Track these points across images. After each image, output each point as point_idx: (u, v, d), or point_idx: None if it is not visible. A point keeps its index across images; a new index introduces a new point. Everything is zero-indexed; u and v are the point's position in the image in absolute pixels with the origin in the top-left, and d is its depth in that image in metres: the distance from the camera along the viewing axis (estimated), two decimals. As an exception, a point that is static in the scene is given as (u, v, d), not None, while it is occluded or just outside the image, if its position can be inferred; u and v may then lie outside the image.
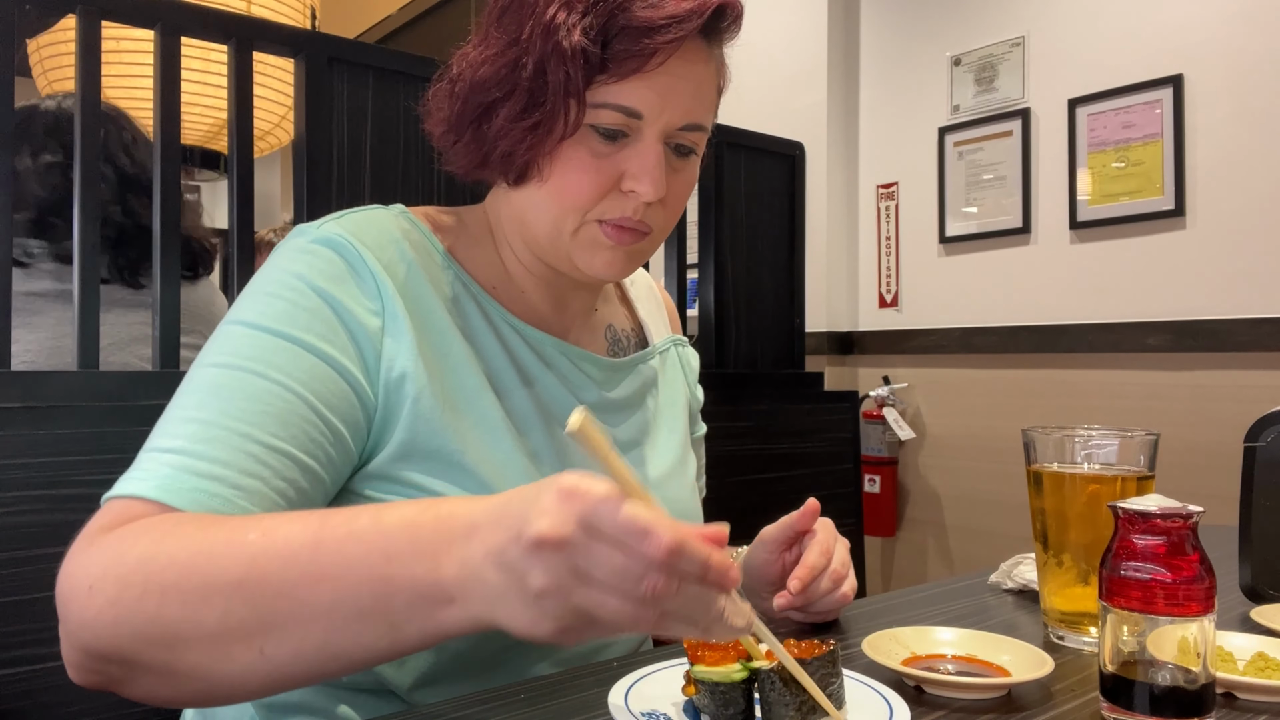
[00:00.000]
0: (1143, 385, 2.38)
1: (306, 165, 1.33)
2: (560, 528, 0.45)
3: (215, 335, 0.69)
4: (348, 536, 0.52)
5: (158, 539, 0.55)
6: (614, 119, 0.71)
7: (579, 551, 0.46)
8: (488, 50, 0.73)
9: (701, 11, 0.69)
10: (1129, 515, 0.59)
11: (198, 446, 0.61)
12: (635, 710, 0.58)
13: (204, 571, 0.52)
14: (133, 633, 0.53)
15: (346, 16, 5.16)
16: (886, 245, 3.02)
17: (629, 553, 0.45)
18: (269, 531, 0.53)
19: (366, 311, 0.70)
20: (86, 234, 1.12)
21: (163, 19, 1.20)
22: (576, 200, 0.73)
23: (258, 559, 0.52)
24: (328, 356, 0.67)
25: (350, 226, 0.73)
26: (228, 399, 0.63)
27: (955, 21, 2.83)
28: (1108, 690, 0.60)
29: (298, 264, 0.70)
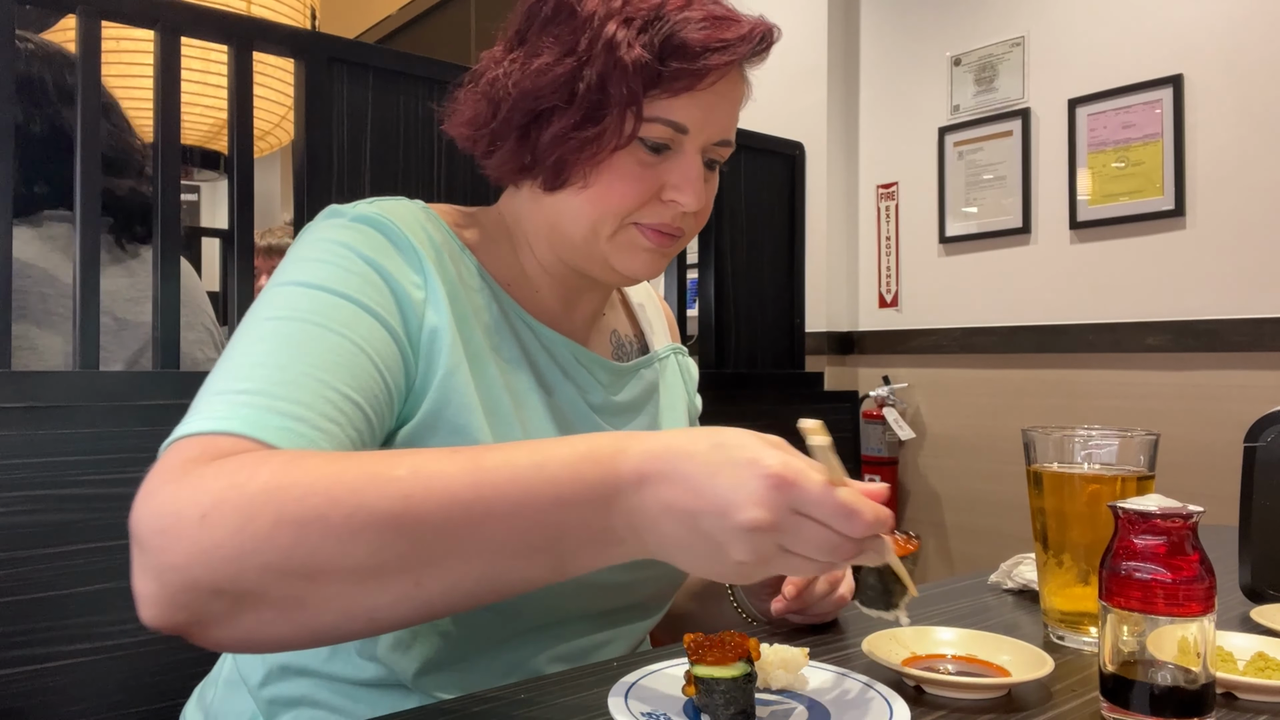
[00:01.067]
0: (1143, 385, 2.38)
1: (306, 165, 1.33)
2: (774, 515, 0.51)
3: (264, 296, 0.68)
4: (511, 479, 0.53)
5: (281, 469, 0.53)
6: (662, 133, 0.74)
7: (787, 532, 0.52)
8: (538, 59, 0.74)
9: (752, 38, 0.74)
10: (1129, 515, 0.59)
11: (276, 389, 0.60)
12: (635, 710, 0.58)
13: (349, 505, 0.52)
14: (262, 564, 0.51)
15: (346, 16, 5.16)
16: (886, 245, 3.02)
17: (834, 529, 0.52)
18: (418, 469, 0.53)
19: (411, 284, 0.71)
20: (87, 234, 1.12)
21: (163, 19, 1.20)
22: (620, 207, 0.75)
23: (412, 496, 0.52)
24: (382, 319, 0.68)
25: (384, 209, 0.75)
26: (298, 348, 0.63)
27: (955, 21, 2.83)
28: (1108, 690, 0.60)
29: (342, 235, 0.71)
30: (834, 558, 0.53)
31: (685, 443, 0.54)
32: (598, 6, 0.73)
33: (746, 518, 0.51)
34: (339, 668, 0.73)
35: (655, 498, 0.53)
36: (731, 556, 0.52)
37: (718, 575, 0.55)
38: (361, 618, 0.54)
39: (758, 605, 0.86)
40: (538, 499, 0.53)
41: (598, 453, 0.54)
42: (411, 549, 0.52)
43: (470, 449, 0.56)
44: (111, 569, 0.96)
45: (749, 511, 0.51)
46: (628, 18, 0.72)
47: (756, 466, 0.51)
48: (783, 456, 0.52)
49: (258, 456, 0.55)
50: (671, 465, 0.53)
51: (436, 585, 0.54)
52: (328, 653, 0.74)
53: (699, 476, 0.52)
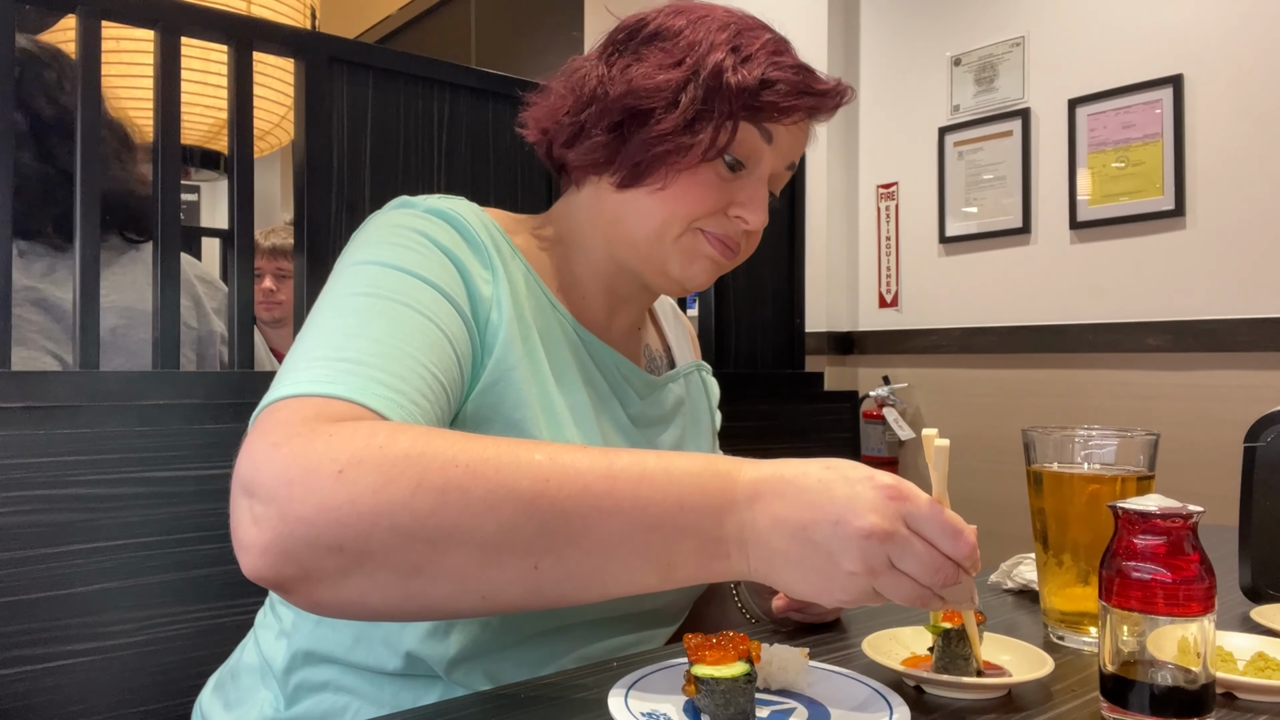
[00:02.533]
0: (1143, 385, 2.38)
1: (306, 165, 1.33)
2: (889, 523, 0.54)
3: (342, 274, 0.70)
4: (641, 477, 0.56)
5: (423, 437, 0.55)
6: (745, 153, 0.79)
7: (899, 544, 0.55)
8: (642, 66, 0.79)
9: (836, 96, 0.82)
10: (1129, 515, 0.59)
11: (375, 359, 0.61)
12: (635, 710, 0.58)
13: (491, 480, 0.54)
14: (393, 526, 0.52)
15: (346, 16, 5.16)
16: (886, 245, 3.02)
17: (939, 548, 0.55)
18: (554, 456, 0.56)
19: (481, 279, 0.74)
20: (87, 235, 1.12)
21: (163, 19, 1.20)
22: (691, 212, 0.79)
23: (551, 479, 0.54)
24: (458, 307, 0.70)
25: (453, 205, 0.77)
26: (389, 323, 0.64)
27: (955, 21, 2.83)
28: (1108, 690, 0.60)
29: (418, 223, 0.74)
30: (935, 579, 0.56)
31: (797, 468, 0.58)
32: (705, 35, 0.79)
33: (864, 524, 0.54)
34: (363, 656, 0.74)
35: (767, 512, 0.56)
36: (843, 566, 0.55)
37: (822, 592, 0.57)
38: (475, 593, 0.55)
39: (761, 604, 0.86)
40: (663, 500, 0.56)
41: (717, 466, 0.58)
42: (540, 532, 0.54)
43: (598, 449, 0.58)
44: (112, 569, 0.96)
45: (866, 518, 0.54)
46: (735, 47, 0.78)
47: (872, 480, 0.56)
48: (895, 479, 0.56)
49: (395, 425, 0.56)
50: (785, 484, 0.57)
51: (553, 572, 0.55)
52: (352, 640, 0.74)
53: (814, 491, 0.56)
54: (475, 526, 0.53)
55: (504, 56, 4.51)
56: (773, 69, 0.78)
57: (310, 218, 1.32)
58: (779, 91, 0.78)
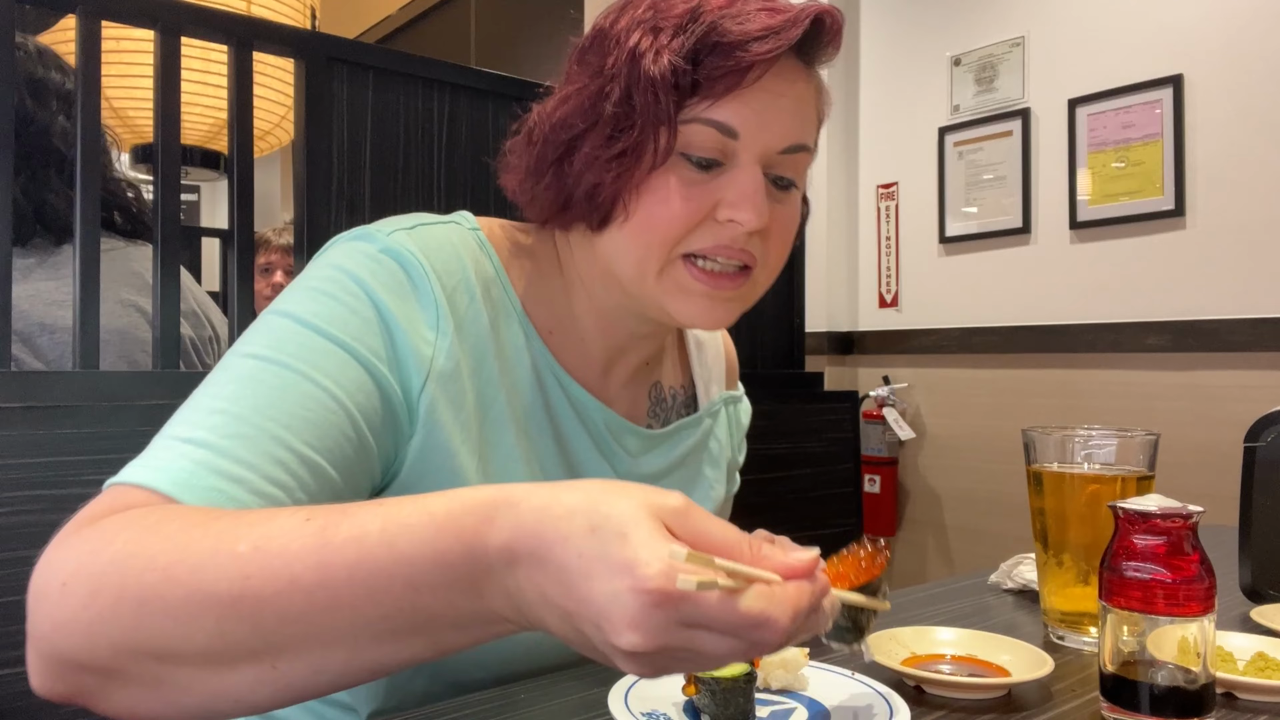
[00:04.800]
0: (1143, 385, 2.38)
1: (306, 165, 1.33)
2: (654, 639, 0.41)
3: (258, 323, 0.64)
4: (358, 559, 0.46)
5: (138, 536, 0.49)
6: (708, 140, 0.66)
7: (679, 647, 0.43)
8: (570, 88, 0.70)
9: (798, 21, 0.66)
10: (1129, 515, 0.59)
11: (224, 442, 0.55)
12: (635, 710, 0.58)
13: (188, 584, 0.47)
14: (111, 642, 0.47)
15: (346, 16, 5.16)
16: (886, 245, 3.02)
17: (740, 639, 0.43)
18: (261, 544, 0.47)
19: (421, 339, 0.65)
20: (86, 234, 1.12)
21: (163, 19, 1.20)
22: (664, 231, 0.67)
23: (252, 578, 0.46)
24: (374, 371, 0.63)
25: (421, 243, 0.68)
26: (265, 394, 0.58)
27: (955, 21, 2.83)
28: (1108, 690, 0.60)
29: (360, 268, 0.65)
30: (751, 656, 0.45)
31: (561, 520, 0.44)
32: (628, 23, 0.68)
33: (623, 642, 0.41)
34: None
35: (530, 582, 0.44)
36: (620, 665, 0.44)
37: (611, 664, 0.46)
38: (227, 699, 0.49)
39: None
40: (390, 583, 0.45)
41: (458, 523, 0.45)
42: (256, 634, 0.46)
43: (328, 513, 0.48)
44: (111, 569, 0.96)
45: (624, 636, 0.41)
46: (656, 26, 0.67)
47: (631, 577, 0.41)
48: (664, 563, 0.41)
49: (127, 518, 0.50)
50: (544, 549, 0.44)
51: (296, 671, 0.48)
52: None
53: (572, 573, 0.43)
54: (185, 636, 0.46)
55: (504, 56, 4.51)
56: (711, 27, 0.65)
57: (310, 218, 1.32)
58: (723, 51, 0.65)
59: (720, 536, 0.44)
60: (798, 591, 0.44)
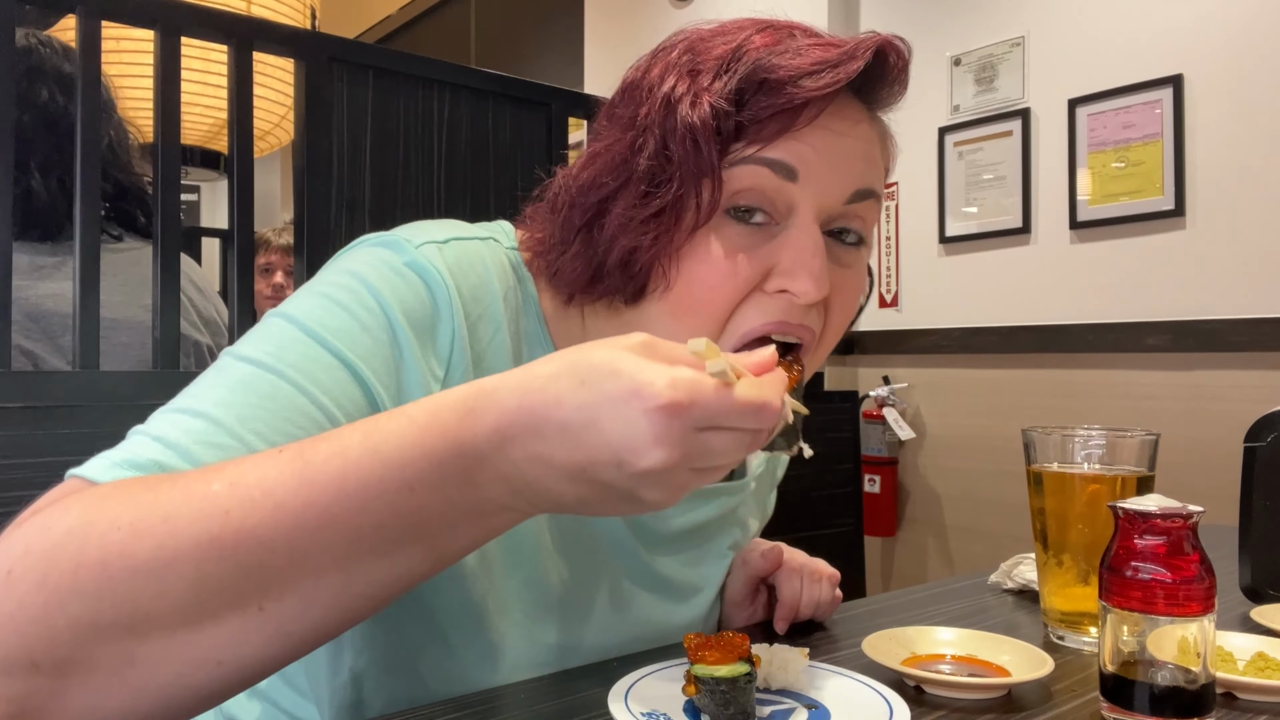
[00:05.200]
0: (1143, 385, 2.38)
1: (306, 165, 1.33)
2: (679, 448, 0.42)
3: (263, 323, 0.60)
4: (343, 472, 0.45)
5: (94, 503, 0.45)
6: (761, 185, 0.59)
7: (698, 454, 0.43)
8: (598, 144, 0.64)
9: (857, 54, 0.59)
10: (1129, 515, 0.59)
11: (197, 448, 0.52)
12: (635, 710, 0.58)
13: (158, 534, 0.43)
14: (70, 620, 0.43)
15: (346, 16, 5.16)
16: (886, 245, 3.02)
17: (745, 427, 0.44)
18: (237, 480, 0.45)
19: (429, 374, 0.61)
20: (86, 234, 1.12)
21: (163, 19, 1.20)
22: (709, 301, 0.60)
23: (232, 512, 0.44)
24: (375, 394, 0.58)
25: (451, 261, 0.63)
26: (253, 404, 0.54)
27: (955, 21, 2.83)
28: (1108, 690, 0.60)
29: (382, 282, 0.60)
30: (750, 450, 0.46)
31: (545, 388, 0.44)
32: (661, 69, 0.62)
33: (649, 463, 0.42)
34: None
35: (528, 455, 0.44)
36: (645, 498, 0.45)
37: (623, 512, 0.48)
38: (208, 664, 0.45)
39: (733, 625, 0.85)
40: (382, 490, 0.44)
41: (441, 420, 0.45)
42: (239, 574, 0.44)
43: (302, 441, 0.47)
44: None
45: (650, 455, 0.42)
46: (694, 70, 0.60)
47: (641, 399, 0.42)
48: (666, 374, 0.42)
49: (80, 495, 0.47)
50: (539, 418, 0.43)
51: (285, 609, 0.45)
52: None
53: (576, 426, 0.43)
54: (158, 592, 0.43)
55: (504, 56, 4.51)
56: (758, 64, 0.59)
57: (310, 218, 1.32)
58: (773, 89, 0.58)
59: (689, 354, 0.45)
60: (775, 378, 0.46)
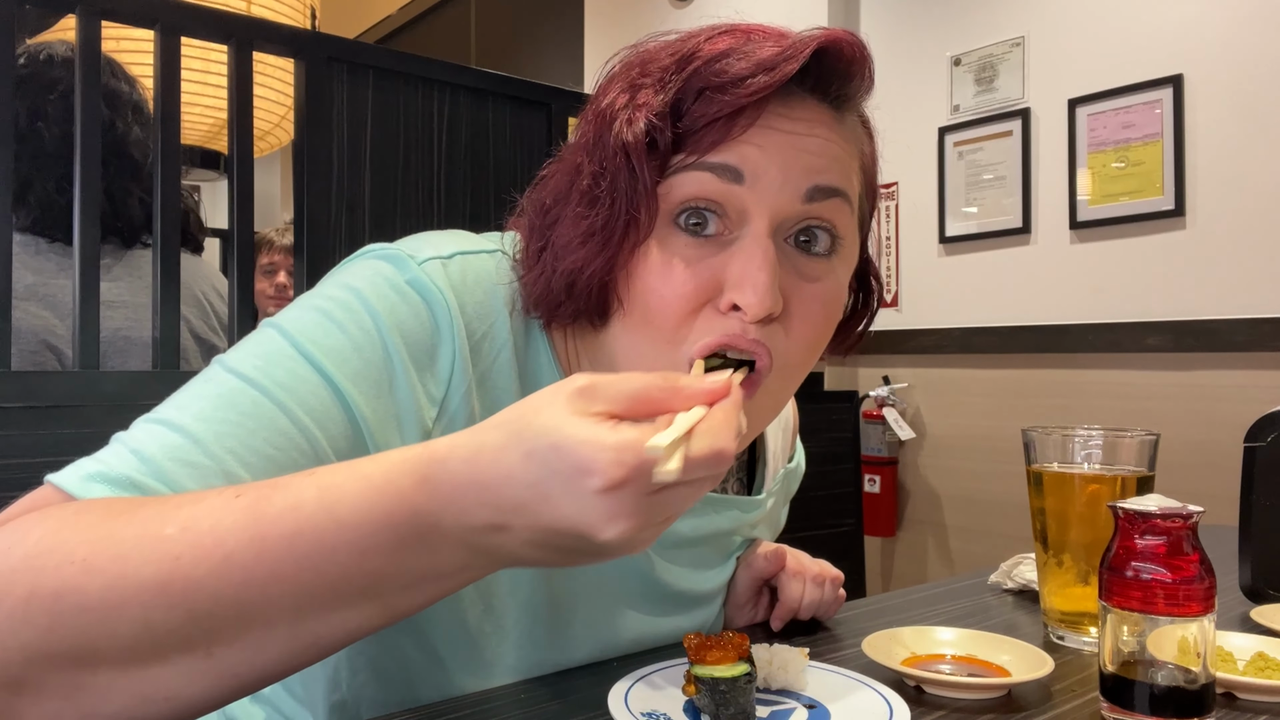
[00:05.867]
0: (1143, 385, 2.38)
1: (306, 165, 1.33)
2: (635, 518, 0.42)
3: (258, 333, 0.59)
4: (297, 531, 0.44)
5: (54, 529, 0.45)
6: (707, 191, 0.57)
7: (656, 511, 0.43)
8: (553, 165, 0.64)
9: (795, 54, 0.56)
10: (1129, 515, 0.59)
11: (169, 465, 0.51)
12: (635, 710, 0.58)
13: (109, 573, 0.43)
14: (22, 646, 0.43)
15: (346, 16, 5.16)
16: (886, 245, 3.02)
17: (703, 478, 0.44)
18: (189, 525, 0.44)
19: (425, 397, 0.59)
20: (86, 234, 1.12)
21: (163, 19, 1.20)
22: (662, 319, 0.58)
23: (182, 559, 0.44)
24: (361, 420, 0.57)
25: (457, 280, 0.61)
26: (233, 422, 0.53)
27: (955, 21, 2.83)
28: (1108, 690, 0.60)
29: (381, 301, 0.59)
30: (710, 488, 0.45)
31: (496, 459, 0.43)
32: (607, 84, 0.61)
33: (607, 536, 0.42)
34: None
35: (486, 525, 0.44)
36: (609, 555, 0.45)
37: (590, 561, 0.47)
38: (157, 699, 0.45)
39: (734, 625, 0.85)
40: (334, 553, 0.44)
41: (396, 485, 0.44)
42: (187, 621, 0.44)
43: (258, 487, 0.46)
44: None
45: (607, 530, 0.42)
46: (635, 84, 0.59)
47: (589, 478, 0.41)
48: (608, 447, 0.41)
49: (40, 515, 0.47)
50: (494, 493, 0.43)
51: (234, 655, 0.45)
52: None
53: (531, 504, 0.43)
54: (107, 632, 0.43)
55: (504, 56, 4.51)
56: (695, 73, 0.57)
57: (310, 218, 1.32)
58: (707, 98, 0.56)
59: (634, 390, 0.44)
60: (725, 414, 0.44)
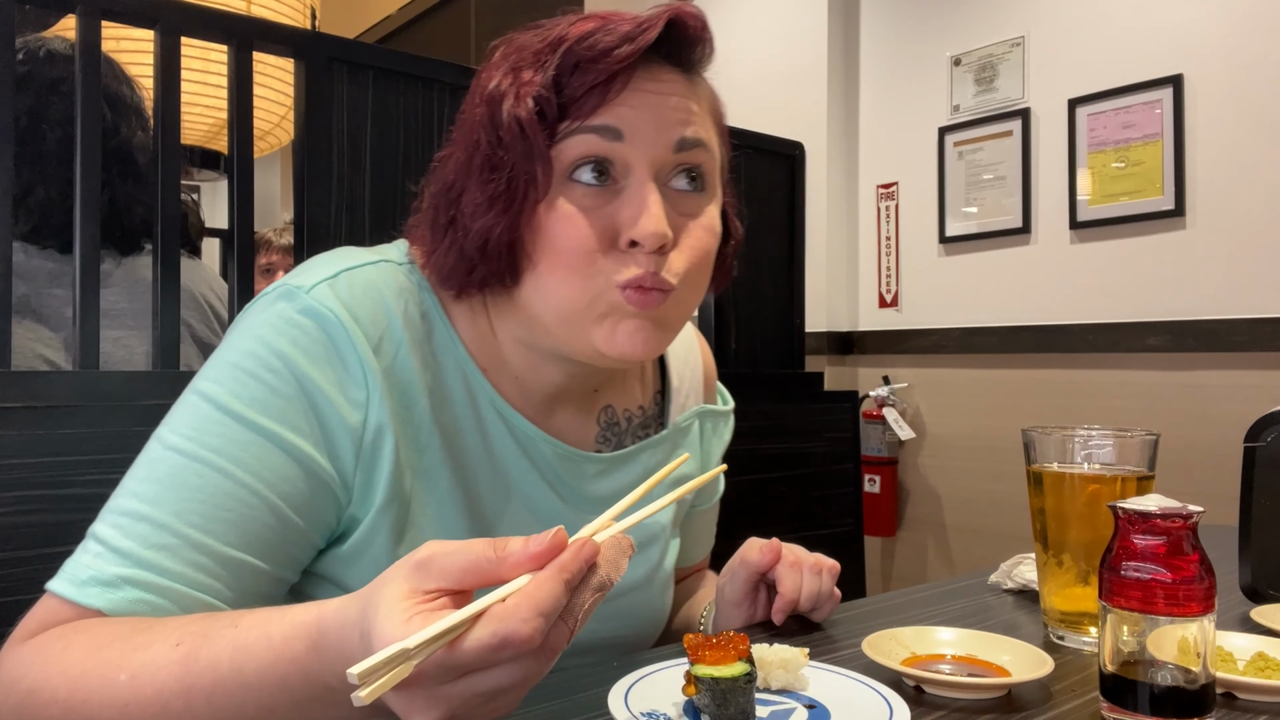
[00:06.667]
0: (1143, 385, 2.38)
1: (306, 165, 1.33)
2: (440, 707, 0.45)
3: (183, 403, 0.66)
4: (215, 687, 0.51)
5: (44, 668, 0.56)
6: (591, 149, 0.66)
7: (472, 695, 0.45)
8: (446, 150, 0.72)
9: (652, 25, 0.66)
10: (1129, 515, 0.59)
11: (148, 554, 0.59)
12: (635, 710, 0.58)
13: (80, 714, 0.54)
14: None
15: (346, 16, 5.16)
16: (886, 245, 3.02)
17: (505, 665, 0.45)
18: (137, 674, 0.53)
19: (349, 404, 0.66)
20: (86, 235, 1.12)
21: (163, 19, 1.20)
22: (570, 261, 0.66)
23: (131, 705, 0.53)
24: (299, 453, 0.64)
25: (345, 295, 0.68)
26: (185, 497, 0.61)
27: (955, 21, 2.83)
28: (1108, 690, 0.60)
29: (281, 339, 0.65)
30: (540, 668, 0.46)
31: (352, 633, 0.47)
32: (489, 71, 0.70)
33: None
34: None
35: None
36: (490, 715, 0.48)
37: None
38: None
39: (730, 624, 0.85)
40: (243, 707, 0.51)
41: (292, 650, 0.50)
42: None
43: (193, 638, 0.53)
44: (111, 569, 0.96)
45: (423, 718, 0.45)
46: (515, 67, 0.68)
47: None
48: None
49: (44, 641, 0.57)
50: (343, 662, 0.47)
51: None
52: None
53: None
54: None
55: (504, 56, 4.50)
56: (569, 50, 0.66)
57: (310, 218, 1.32)
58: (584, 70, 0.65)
59: (463, 566, 0.46)
60: (536, 587, 0.44)
